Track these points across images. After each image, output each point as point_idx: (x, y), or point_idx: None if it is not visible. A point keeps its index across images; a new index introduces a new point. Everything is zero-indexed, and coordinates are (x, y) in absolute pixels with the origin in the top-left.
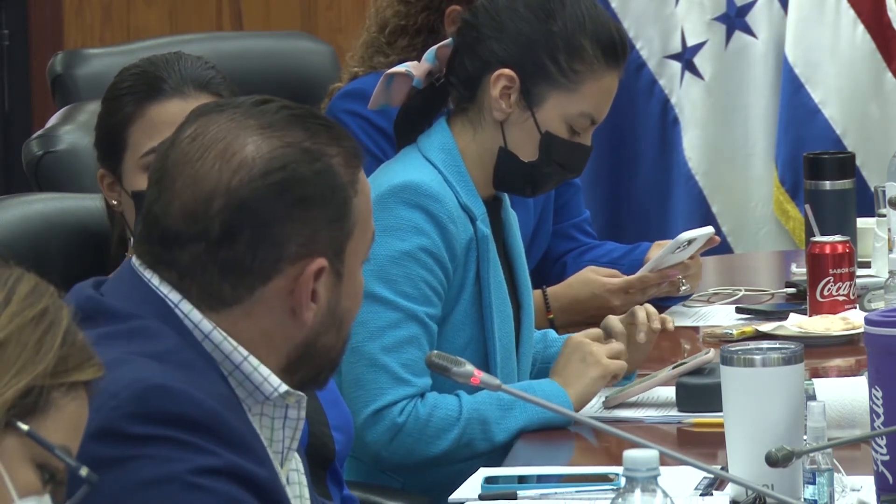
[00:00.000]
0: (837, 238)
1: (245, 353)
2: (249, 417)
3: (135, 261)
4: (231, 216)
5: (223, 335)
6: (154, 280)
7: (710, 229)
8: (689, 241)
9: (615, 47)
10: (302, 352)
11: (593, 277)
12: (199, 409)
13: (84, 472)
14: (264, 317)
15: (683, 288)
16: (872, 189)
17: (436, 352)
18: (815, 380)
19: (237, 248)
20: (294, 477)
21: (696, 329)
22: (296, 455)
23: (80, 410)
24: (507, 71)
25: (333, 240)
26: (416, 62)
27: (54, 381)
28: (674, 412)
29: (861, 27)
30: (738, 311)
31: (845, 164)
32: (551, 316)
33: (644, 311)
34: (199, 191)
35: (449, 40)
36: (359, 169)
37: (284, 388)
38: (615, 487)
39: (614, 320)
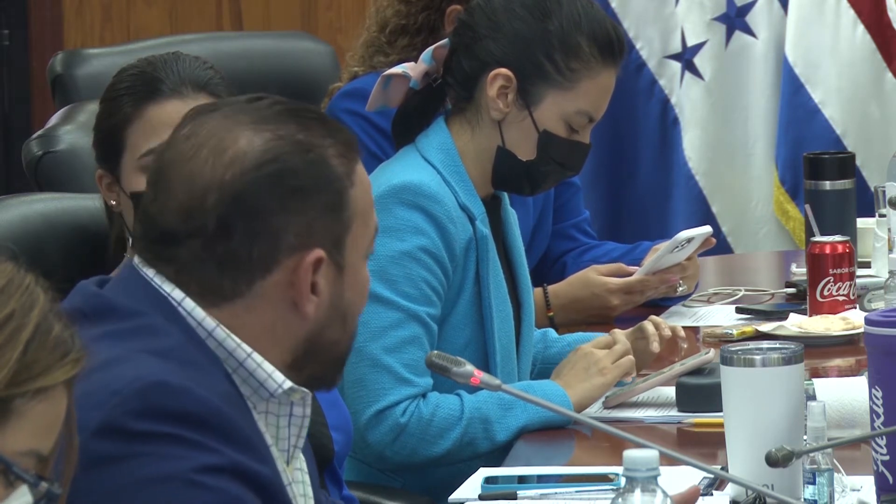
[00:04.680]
0: (837, 238)
1: (248, 349)
2: (254, 416)
3: (136, 260)
4: (226, 210)
5: (226, 332)
6: (156, 279)
7: (708, 228)
8: (688, 240)
9: (612, 45)
10: (307, 347)
11: (594, 277)
12: (202, 406)
13: (43, 487)
14: (266, 311)
15: (681, 289)
16: (872, 189)
17: (436, 352)
18: (815, 380)
19: (234, 241)
20: (299, 476)
21: (696, 329)
22: (300, 454)
23: (52, 409)
24: (503, 70)
25: (330, 230)
26: (413, 63)
27: (13, 391)
28: (674, 412)
29: (861, 27)
30: (738, 311)
31: (845, 164)
32: (551, 314)
33: (652, 325)
34: (194, 187)
35: (445, 41)
36: (355, 161)
37: (289, 384)
38: (615, 487)
39: (620, 335)
